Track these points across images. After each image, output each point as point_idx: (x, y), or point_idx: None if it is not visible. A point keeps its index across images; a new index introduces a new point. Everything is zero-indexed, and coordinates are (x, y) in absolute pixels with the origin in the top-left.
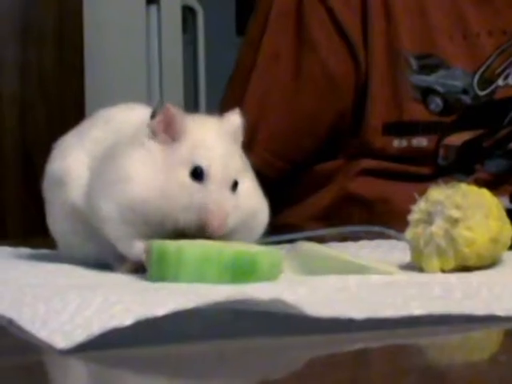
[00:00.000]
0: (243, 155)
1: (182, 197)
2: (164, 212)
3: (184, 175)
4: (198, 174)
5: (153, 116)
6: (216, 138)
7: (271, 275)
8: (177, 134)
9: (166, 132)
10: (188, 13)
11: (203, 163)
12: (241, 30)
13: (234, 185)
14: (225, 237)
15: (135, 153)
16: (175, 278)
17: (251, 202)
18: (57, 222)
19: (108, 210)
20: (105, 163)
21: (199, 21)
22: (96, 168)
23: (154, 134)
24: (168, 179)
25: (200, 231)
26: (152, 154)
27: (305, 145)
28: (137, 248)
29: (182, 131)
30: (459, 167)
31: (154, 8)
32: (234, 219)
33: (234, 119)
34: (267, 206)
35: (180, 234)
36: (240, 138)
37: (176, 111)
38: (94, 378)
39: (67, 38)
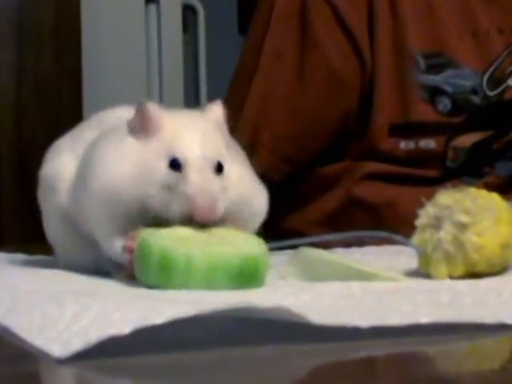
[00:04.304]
0: (238, 147)
1: (161, 187)
2: (142, 203)
3: (162, 166)
4: (176, 165)
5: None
6: (193, 127)
7: (265, 278)
8: (153, 130)
9: (143, 128)
10: (188, 12)
11: (179, 154)
12: (243, 28)
13: (219, 167)
14: (217, 224)
15: (111, 148)
16: (184, 286)
17: (243, 186)
18: (52, 227)
19: (88, 205)
20: (84, 161)
21: (200, 20)
22: (78, 167)
23: (131, 131)
24: (144, 170)
25: (186, 221)
26: (128, 149)
27: (309, 147)
28: (117, 246)
29: (159, 127)
30: (468, 170)
31: (153, 7)
32: (224, 202)
33: (216, 110)
34: (265, 195)
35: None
36: (224, 127)
37: (152, 108)
38: None
39: (65, 38)
